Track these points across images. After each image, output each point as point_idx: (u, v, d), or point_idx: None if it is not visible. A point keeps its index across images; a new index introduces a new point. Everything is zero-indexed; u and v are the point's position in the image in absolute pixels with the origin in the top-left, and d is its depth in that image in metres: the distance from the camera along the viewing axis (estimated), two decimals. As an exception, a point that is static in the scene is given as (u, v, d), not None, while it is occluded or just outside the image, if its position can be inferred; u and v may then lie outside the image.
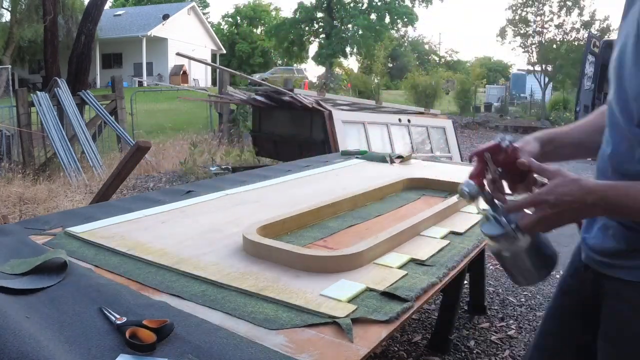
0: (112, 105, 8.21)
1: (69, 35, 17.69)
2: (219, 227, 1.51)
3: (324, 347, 0.86)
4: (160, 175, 6.73)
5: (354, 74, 22.28)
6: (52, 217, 1.60)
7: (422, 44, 44.96)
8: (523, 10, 18.61)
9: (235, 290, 1.08)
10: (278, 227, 1.48)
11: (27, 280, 1.07)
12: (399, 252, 1.32)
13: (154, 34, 26.01)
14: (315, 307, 0.99)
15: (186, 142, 8.08)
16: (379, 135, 5.78)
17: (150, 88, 20.06)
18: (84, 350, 0.82)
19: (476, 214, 1.68)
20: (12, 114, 7.51)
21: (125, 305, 0.98)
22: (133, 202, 1.78)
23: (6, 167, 6.47)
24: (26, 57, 24.43)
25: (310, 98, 5.64)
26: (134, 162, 2.81)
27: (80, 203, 5.03)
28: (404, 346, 2.33)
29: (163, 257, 1.25)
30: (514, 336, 2.46)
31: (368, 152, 3.15)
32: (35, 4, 18.39)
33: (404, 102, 17.36)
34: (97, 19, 10.32)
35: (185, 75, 25.55)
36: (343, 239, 1.49)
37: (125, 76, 19.87)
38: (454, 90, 20.72)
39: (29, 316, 0.91)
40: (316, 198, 1.83)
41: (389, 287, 1.09)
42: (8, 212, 4.58)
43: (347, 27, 28.50)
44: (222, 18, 41.79)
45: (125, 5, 33.81)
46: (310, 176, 2.32)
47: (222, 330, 0.90)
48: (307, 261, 1.19)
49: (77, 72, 9.80)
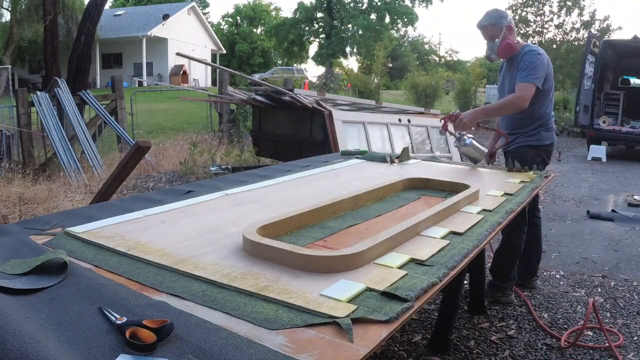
0: (112, 105, 8.20)
1: (69, 35, 17.70)
2: (219, 227, 1.51)
3: (324, 347, 0.86)
4: (160, 175, 6.73)
5: (354, 74, 22.26)
6: (52, 217, 1.60)
7: (422, 44, 44.96)
8: (523, 10, 18.61)
9: (235, 290, 1.08)
10: (278, 227, 1.48)
11: (27, 280, 1.07)
12: (399, 252, 1.32)
13: (154, 34, 26.01)
14: (316, 307, 0.99)
15: (186, 142, 8.08)
16: (379, 135, 5.78)
17: (150, 88, 20.06)
18: (84, 350, 0.82)
19: (476, 214, 1.70)
20: (12, 114, 7.52)
21: (125, 305, 0.98)
22: (133, 202, 1.78)
23: (6, 167, 6.47)
24: (26, 57, 24.44)
25: (310, 98, 5.64)
26: (134, 162, 2.81)
27: (80, 203, 5.03)
28: (404, 346, 2.33)
29: (163, 257, 1.25)
30: (514, 336, 2.46)
31: (368, 152, 3.15)
32: (35, 4, 18.40)
33: (404, 102, 17.36)
34: (97, 19, 10.32)
35: (185, 75, 25.56)
36: (343, 239, 1.49)
37: (125, 76, 19.89)
38: (454, 90, 20.72)
39: (29, 316, 0.91)
40: (316, 198, 1.83)
41: (389, 287, 1.09)
42: (8, 212, 4.58)
43: (347, 27, 28.51)
44: (222, 18, 41.82)
45: (125, 5, 33.83)
46: (310, 176, 2.32)
47: (222, 330, 0.90)
48: (307, 261, 1.19)
49: (77, 72, 9.80)
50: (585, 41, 11.17)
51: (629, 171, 8.22)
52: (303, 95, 5.73)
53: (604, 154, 9.45)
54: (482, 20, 2.81)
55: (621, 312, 2.77)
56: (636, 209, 5.30)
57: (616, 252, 3.85)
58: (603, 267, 3.51)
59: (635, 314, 2.75)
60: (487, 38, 2.83)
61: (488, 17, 2.80)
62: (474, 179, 2.21)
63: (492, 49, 2.82)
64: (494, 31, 2.78)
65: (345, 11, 28.28)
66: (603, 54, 10.05)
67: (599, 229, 4.50)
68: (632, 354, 2.32)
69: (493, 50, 2.82)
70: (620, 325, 2.60)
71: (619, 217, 4.84)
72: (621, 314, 2.75)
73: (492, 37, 2.81)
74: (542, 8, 18.26)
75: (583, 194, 6.21)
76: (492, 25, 2.78)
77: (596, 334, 2.51)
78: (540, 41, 18.24)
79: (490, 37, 2.81)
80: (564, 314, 2.74)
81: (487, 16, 2.80)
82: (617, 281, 3.24)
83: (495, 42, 2.80)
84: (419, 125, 6.37)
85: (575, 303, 2.89)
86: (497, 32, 2.77)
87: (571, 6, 17.73)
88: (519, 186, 2.22)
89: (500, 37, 2.78)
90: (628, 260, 3.66)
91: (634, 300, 2.94)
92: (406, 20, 29.12)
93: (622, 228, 4.55)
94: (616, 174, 7.85)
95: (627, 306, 2.85)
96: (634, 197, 5.94)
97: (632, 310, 2.80)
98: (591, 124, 10.04)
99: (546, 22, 18.32)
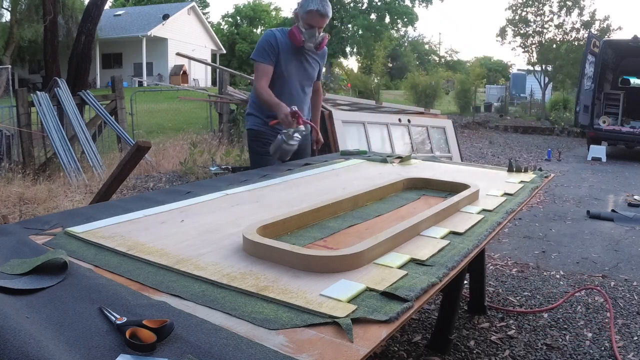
0: (112, 105, 8.20)
1: (69, 35, 17.70)
2: (219, 227, 1.51)
3: (324, 347, 0.86)
4: (160, 175, 6.72)
5: (354, 74, 22.26)
6: (52, 217, 1.59)
7: (422, 44, 44.96)
8: (523, 10, 18.62)
9: (235, 290, 1.08)
10: (278, 227, 1.48)
11: (27, 280, 1.07)
12: (399, 252, 1.32)
13: (154, 34, 26.02)
14: (316, 307, 0.99)
15: (186, 142, 8.08)
16: (379, 135, 5.79)
17: (150, 88, 20.06)
18: (84, 350, 0.82)
19: (476, 214, 1.70)
20: (12, 114, 7.51)
21: (125, 305, 0.98)
22: (133, 202, 1.78)
23: (6, 167, 6.46)
24: (26, 57, 24.45)
25: (310, 98, 5.62)
26: (134, 162, 2.81)
27: (80, 203, 5.03)
28: (404, 346, 2.33)
29: (163, 257, 1.25)
30: (514, 336, 2.46)
31: (368, 152, 3.15)
32: (35, 4, 18.40)
33: (404, 102, 17.36)
34: (97, 19, 10.31)
35: (185, 75, 25.56)
36: (343, 239, 1.49)
37: (125, 76, 19.88)
38: (454, 90, 20.72)
39: (29, 316, 0.91)
40: (316, 198, 1.83)
41: (389, 287, 1.09)
42: (8, 212, 4.58)
43: (347, 27, 28.50)
44: (222, 18, 41.82)
45: (125, 5, 33.82)
46: (310, 176, 2.32)
47: (222, 330, 0.90)
48: (307, 261, 1.19)
49: (77, 72, 9.79)
50: (585, 41, 11.18)
51: (629, 171, 8.23)
52: (303, 95, 5.72)
53: (604, 154, 9.45)
54: (328, 10, 2.63)
55: (621, 312, 2.77)
56: (636, 209, 5.30)
57: (616, 252, 3.85)
58: (603, 267, 3.51)
59: (635, 314, 2.75)
60: (318, 27, 2.66)
61: (330, 7, 2.65)
62: (474, 179, 2.21)
63: (317, 38, 2.68)
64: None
65: (345, 11, 28.25)
66: (603, 54, 10.05)
67: (599, 229, 4.50)
68: (632, 354, 2.32)
69: (317, 40, 2.68)
70: (620, 325, 2.61)
71: (619, 217, 4.84)
72: (621, 314, 2.75)
73: (322, 27, 2.68)
74: (542, 8, 18.27)
75: (583, 194, 6.21)
76: (329, 17, 2.66)
77: (596, 334, 2.51)
78: (540, 41, 18.25)
79: (321, 27, 2.67)
80: (564, 314, 2.74)
81: (329, 6, 2.64)
82: (617, 281, 3.24)
83: (320, 32, 2.68)
84: (419, 125, 6.37)
85: (576, 303, 2.89)
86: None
87: (571, 6, 17.74)
88: (519, 186, 2.22)
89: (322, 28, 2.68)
90: (628, 260, 3.66)
91: (634, 300, 2.94)
92: (406, 20, 29.10)
93: (622, 228, 4.55)
94: (616, 174, 7.86)
95: (627, 306, 2.85)
96: (634, 197, 5.94)
97: (632, 310, 2.80)
98: (591, 124, 10.04)
99: (546, 22, 18.34)
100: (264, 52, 2.69)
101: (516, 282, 3.20)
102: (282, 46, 2.70)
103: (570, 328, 2.57)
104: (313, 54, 2.81)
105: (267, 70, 2.69)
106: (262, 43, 2.72)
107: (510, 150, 10.63)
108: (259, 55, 2.70)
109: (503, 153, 10.12)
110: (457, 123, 12.82)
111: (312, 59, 2.83)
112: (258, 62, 2.69)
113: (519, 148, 11.03)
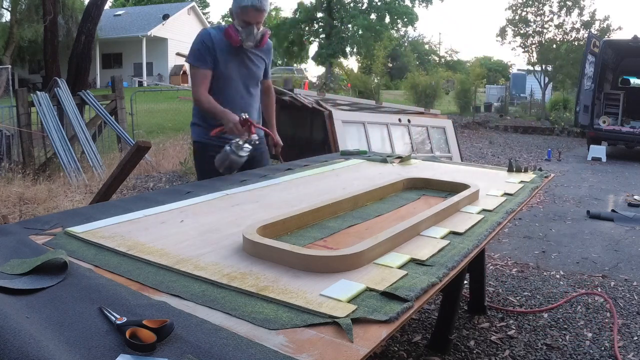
0: (112, 105, 8.20)
1: (69, 35, 17.70)
2: (219, 227, 1.51)
3: (324, 347, 0.86)
4: (160, 175, 6.72)
5: (354, 74, 22.26)
6: (52, 217, 1.59)
7: (422, 44, 44.95)
8: (523, 10, 18.60)
9: (235, 290, 1.08)
10: (278, 227, 1.48)
11: (27, 280, 1.07)
12: (399, 252, 1.32)
13: (154, 34, 26.00)
14: (316, 307, 0.99)
15: (186, 142, 8.08)
16: (379, 135, 5.79)
17: (150, 88, 20.06)
18: (84, 350, 0.82)
19: (476, 214, 1.71)
20: (12, 114, 7.51)
21: (125, 305, 0.98)
22: (133, 202, 1.78)
23: (6, 167, 6.46)
24: (26, 57, 24.44)
25: (310, 98, 5.64)
26: (134, 162, 2.81)
27: (80, 203, 5.03)
28: (404, 346, 2.33)
29: (163, 257, 1.25)
30: (514, 336, 2.46)
31: (368, 152, 3.15)
32: (35, 4, 18.40)
33: (404, 102, 17.36)
34: (97, 19, 10.30)
35: (185, 75, 25.52)
36: (343, 239, 1.49)
37: (125, 76, 19.88)
38: (453, 90, 20.71)
39: (29, 316, 0.91)
40: (316, 198, 1.83)
41: (389, 287, 1.09)
42: (8, 212, 4.58)
43: (347, 27, 28.49)
44: (222, 18, 41.79)
45: (125, 5, 33.82)
46: (310, 176, 2.32)
47: (222, 330, 0.90)
48: (307, 261, 1.19)
49: (77, 72, 9.79)
50: (585, 41, 11.18)
51: (629, 171, 8.23)
52: (303, 95, 5.74)
53: (604, 154, 9.45)
54: (265, 4, 2.39)
55: (621, 312, 2.77)
56: (636, 209, 5.30)
57: (616, 252, 3.85)
58: (603, 267, 3.51)
59: (635, 314, 2.75)
60: (256, 23, 2.40)
61: (267, 0, 2.42)
62: (474, 179, 2.20)
63: (255, 35, 2.42)
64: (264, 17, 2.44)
65: (345, 11, 28.25)
66: (603, 54, 10.05)
67: (599, 229, 4.50)
68: (632, 354, 2.32)
69: (256, 37, 2.42)
70: (620, 325, 2.61)
71: (619, 217, 4.84)
72: (621, 314, 2.75)
73: (260, 23, 2.43)
74: (542, 8, 18.26)
75: (583, 194, 6.21)
76: (266, 11, 2.44)
77: (596, 334, 2.51)
78: (540, 41, 18.25)
79: (259, 22, 2.42)
80: (564, 314, 2.74)
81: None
82: (617, 281, 3.24)
83: (259, 28, 2.43)
84: (419, 125, 6.37)
85: (576, 303, 2.89)
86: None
87: (571, 6, 17.73)
88: (519, 186, 2.22)
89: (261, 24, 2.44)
90: (628, 260, 3.66)
91: (634, 300, 2.94)
92: (406, 20, 29.08)
93: (622, 228, 4.55)
94: (616, 174, 7.86)
95: (627, 306, 2.86)
96: (634, 197, 5.94)
97: (632, 310, 2.80)
98: (591, 124, 10.04)
99: (546, 22, 18.32)
100: (199, 54, 2.41)
101: (516, 282, 3.20)
102: (219, 45, 2.42)
103: (570, 328, 2.57)
104: (256, 51, 2.54)
105: (205, 75, 2.42)
106: (196, 44, 2.42)
107: (510, 150, 10.63)
108: (194, 58, 2.42)
109: (503, 153, 10.12)
110: (457, 123, 12.82)
111: (255, 57, 2.56)
112: (194, 66, 2.42)
113: (519, 148, 11.03)
